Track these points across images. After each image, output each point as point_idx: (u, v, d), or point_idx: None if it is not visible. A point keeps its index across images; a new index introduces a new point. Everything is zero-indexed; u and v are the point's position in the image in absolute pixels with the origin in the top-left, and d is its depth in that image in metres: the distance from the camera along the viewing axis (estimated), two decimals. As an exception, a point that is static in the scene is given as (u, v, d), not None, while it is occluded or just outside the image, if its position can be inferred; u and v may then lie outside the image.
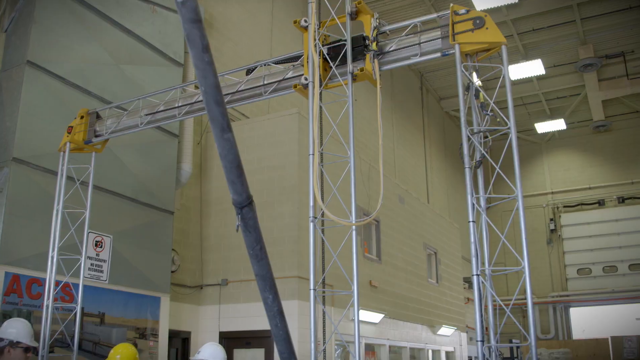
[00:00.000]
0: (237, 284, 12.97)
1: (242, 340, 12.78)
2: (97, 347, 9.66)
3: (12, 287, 8.72)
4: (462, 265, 24.35)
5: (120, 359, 5.99)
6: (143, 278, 10.80)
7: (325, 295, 6.82)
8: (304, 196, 12.74)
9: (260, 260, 3.68)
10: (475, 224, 6.08)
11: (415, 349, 18.73)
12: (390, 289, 16.74)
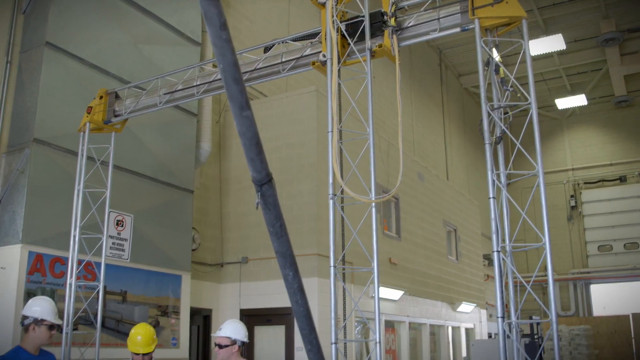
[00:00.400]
0: (257, 261, 13.04)
1: (263, 317, 12.88)
2: (119, 324, 9.79)
3: (35, 266, 8.85)
4: (482, 243, 24.29)
5: (142, 340, 6.05)
6: (164, 256, 10.89)
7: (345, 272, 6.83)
8: (323, 174, 12.74)
9: (280, 237, 3.68)
10: (495, 201, 6.04)
11: (435, 326, 18.79)
12: (410, 266, 16.76)
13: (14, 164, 9.11)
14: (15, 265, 8.71)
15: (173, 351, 10.77)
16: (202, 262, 12.93)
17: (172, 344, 10.82)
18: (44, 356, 5.82)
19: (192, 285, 11.79)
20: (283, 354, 12.50)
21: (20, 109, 9.46)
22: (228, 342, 6.27)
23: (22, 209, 8.84)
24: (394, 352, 15.97)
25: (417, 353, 17.54)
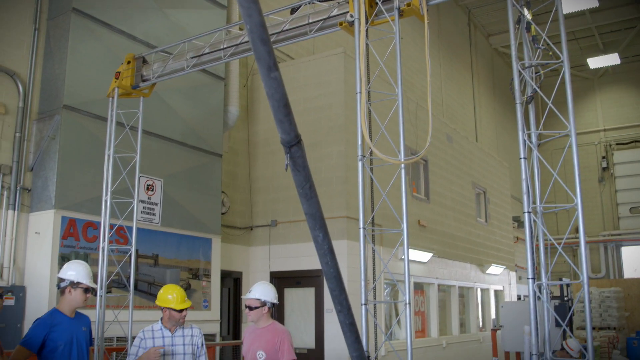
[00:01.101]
0: (287, 224, 13.12)
1: (293, 279, 13.00)
2: (151, 287, 9.94)
3: (69, 231, 8.99)
4: (512, 205, 24.13)
5: (176, 297, 6.11)
6: (194, 220, 10.99)
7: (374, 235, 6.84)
8: (351, 136, 12.70)
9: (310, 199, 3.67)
10: (526, 161, 5.97)
11: (464, 288, 18.80)
12: (439, 228, 16.73)
13: (45, 131, 9.21)
14: (49, 231, 8.85)
15: (204, 313, 10.93)
16: (231, 226, 13.03)
17: (204, 306, 10.98)
18: (79, 318, 5.93)
19: (222, 248, 11.91)
20: (313, 315, 12.63)
21: (49, 76, 9.53)
22: (258, 303, 6.34)
23: (54, 175, 8.95)
24: (422, 314, 16.04)
25: (445, 315, 17.60)
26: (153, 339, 6.12)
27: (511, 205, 24.01)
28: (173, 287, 6.23)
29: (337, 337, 11.98)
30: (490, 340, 14.85)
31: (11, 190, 9.01)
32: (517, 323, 11.57)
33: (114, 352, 7.94)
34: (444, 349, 16.51)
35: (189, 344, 6.15)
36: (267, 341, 6.29)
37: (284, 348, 6.25)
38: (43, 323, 5.70)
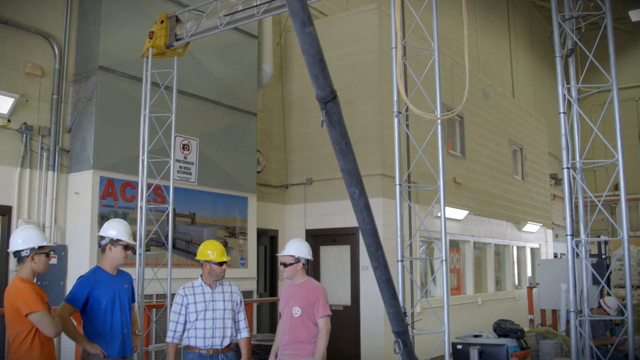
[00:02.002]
0: (322, 182, 13.14)
1: (328, 237, 13.07)
2: (189, 245, 10.08)
3: (107, 190, 9.12)
4: (549, 162, 23.81)
5: (215, 252, 6.19)
6: (230, 179, 11.06)
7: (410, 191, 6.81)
8: (386, 93, 12.60)
9: (346, 155, 3.65)
10: (565, 116, 5.86)
11: (500, 245, 18.72)
12: (475, 186, 16.61)
13: (81, 92, 9.29)
14: (88, 191, 9.00)
15: (241, 271, 11.08)
16: (267, 184, 13.10)
17: (241, 264, 11.12)
18: (121, 276, 6.04)
19: (258, 206, 11.99)
20: (348, 273, 12.71)
21: (84, 37, 9.57)
22: (292, 260, 6.40)
23: (92, 135, 9.05)
24: (458, 271, 16.04)
25: (481, 272, 17.58)
26: (194, 295, 6.23)
27: (548, 163, 23.69)
28: (213, 242, 6.32)
29: (373, 295, 12.06)
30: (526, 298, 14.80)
31: (50, 151, 9.14)
32: (553, 281, 11.53)
33: (154, 309, 8.10)
34: (479, 307, 16.53)
35: (228, 300, 6.24)
36: (302, 297, 6.36)
37: (319, 304, 6.32)
38: (86, 280, 5.82)
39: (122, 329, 5.84)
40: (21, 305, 4.92)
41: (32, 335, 5.01)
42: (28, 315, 4.93)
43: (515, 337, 9.52)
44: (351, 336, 12.37)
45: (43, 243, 5.20)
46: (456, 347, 6.50)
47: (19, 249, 5.15)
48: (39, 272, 5.22)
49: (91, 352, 5.68)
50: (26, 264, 5.16)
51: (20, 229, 5.34)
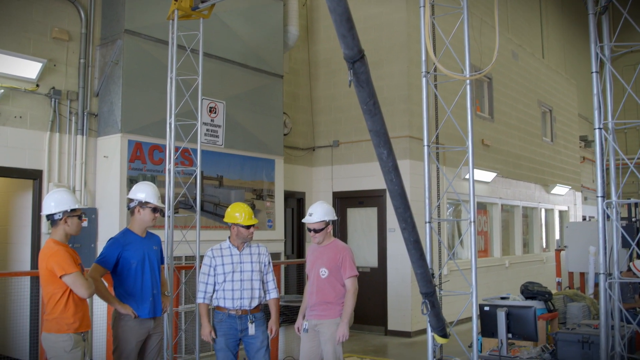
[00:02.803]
0: (348, 145, 13.11)
1: (355, 199, 13.08)
2: (217, 208, 10.15)
3: (135, 154, 9.18)
4: (579, 123, 23.46)
5: (242, 215, 6.23)
6: (257, 141, 11.07)
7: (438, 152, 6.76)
8: (413, 54, 12.46)
9: (374, 115, 3.63)
10: (598, 75, 5.74)
11: (528, 208, 18.60)
12: (503, 148, 16.46)
13: (108, 56, 9.30)
14: (116, 154, 9.06)
15: (269, 233, 11.15)
16: (294, 147, 13.11)
17: (268, 226, 11.19)
18: (150, 238, 6.12)
19: (285, 169, 12.01)
20: (375, 235, 12.74)
21: (110, 0, 9.54)
22: (322, 225, 6.43)
23: (119, 99, 9.08)
24: (485, 234, 16.00)
25: (508, 235, 17.51)
26: (222, 257, 6.30)
27: (578, 124, 23.34)
28: (240, 205, 6.36)
29: (400, 257, 12.09)
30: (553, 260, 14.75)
31: (79, 115, 9.20)
32: (581, 243, 11.45)
33: (183, 270, 8.20)
34: (507, 269, 16.51)
35: (256, 261, 6.30)
36: (329, 258, 6.40)
37: (345, 264, 6.35)
38: (116, 242, 5.91)
39: (151, 289, 5.93)
40: (55, 267, 5.01)
41: (67, 296, 5.10)
42: (62, 277, 5.02)
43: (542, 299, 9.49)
44: (378, 298, 12.45)
45: (75, 206, 5.26)
46: (483, 308, 6.50)
47: (51, 212, 5.22)
48: (72, 234, 5.30)
49: (122, 312, 5.79)
50: (59, 226, 5.24)
51: (52, 193, 5.40)
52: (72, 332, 5.10)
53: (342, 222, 13.18)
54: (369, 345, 11.44)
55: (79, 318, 5.17)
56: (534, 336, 6.27)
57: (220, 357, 6.28)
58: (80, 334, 5.19)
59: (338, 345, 6.28)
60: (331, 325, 6.27)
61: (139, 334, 5.84)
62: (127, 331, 5.80)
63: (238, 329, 6.20)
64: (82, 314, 5.23)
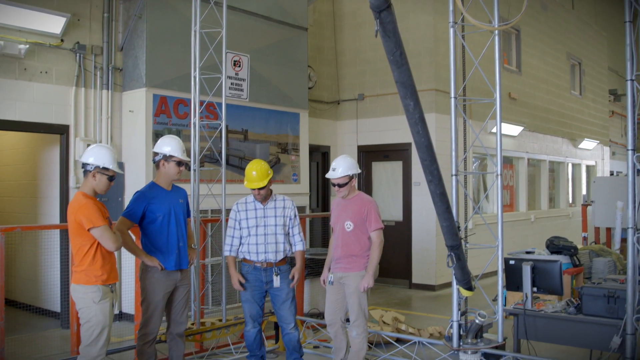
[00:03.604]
0: (374, 98, 13.01)
1: (380, 153, 13.04)
2: (242, 161, 10.18)
3: (160, 108, 9.20)
4: (608, 77, 23.00)
5: (256, 175, 6.25)
6: (281, 95, 11.02)
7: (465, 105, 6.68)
8: (439, 5, 12.24)
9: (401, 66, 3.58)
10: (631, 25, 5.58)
11: (554, 162, 18.41)
12: (531, 101, 16.23)
13: (132, 10, 9.25)
14: (141, 109, 9.08)
15: (294, 186, 11.17)
16: (318, 100, 13.04)
17: (293, 180, 11.21)
18: (175, 191, 6.16)
19: (310, 122, 11.97)
20: (400, 189, 12.72)
21: (133, -48, 9.46)
22: (346, 179, 6.41)
23: (143, 53, 9.06)
24: (511, 189, 15.90)
25: (534, 190, 17.39)
26: (246, 211, 6.35)
27: (608, 78, 22.90)
28: (252, 166, 6.35)
29: (425, 210, 12.08)
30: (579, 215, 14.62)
31: (103, 70, 9.21)
32: (608, 198, 11.32)
33: (209, 224, 8.26)
34: (532, 224, 16.44)
35: (280, 215, 6.32)
36: (354, 212, 6.40)
37: (371, 217, 6.35)
38: (142, 196, 5.95)
39: (178, 242, 5.99)
40: (83, 220, 5.05)
41: (94, 248, 5.16)
42: (90, 230, 5.07)
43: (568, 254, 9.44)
44: (402, 251, 12.50)
45: (108, 166, 5.26)
46: (508, 262, 6.48)
47: (87, 162, 5.26)
48: (98, 192, 5.31)
49: (149, 264, 5.87)
50: (88, 179, 5.28)
51: (97, 145, 5.40)
52: (100, 284, 5.18)
53: (367, 176, 13.17)
54: (393, 298, 11.52)
55: (106, 270, 5.24)
56: (559, 290, 6.25)
57: (246, 308, 6.36)
58: (108, 285, 5.27)
59: (363, 297, 6.33)
60: (356, 277, 6.31)
61: (166, 285, 5.92)
62: (154, 283, 5.88)
63: (263, 281, 6.27)
64: (110, 266, 5.30)
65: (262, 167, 6.30)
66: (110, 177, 5.31)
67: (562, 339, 6.22)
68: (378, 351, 7.32)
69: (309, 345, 7.77)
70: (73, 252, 5.27)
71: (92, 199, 5.22)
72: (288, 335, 6.36)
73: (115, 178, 5.44)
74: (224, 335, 7.40)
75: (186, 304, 6.19)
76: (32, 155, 9.99)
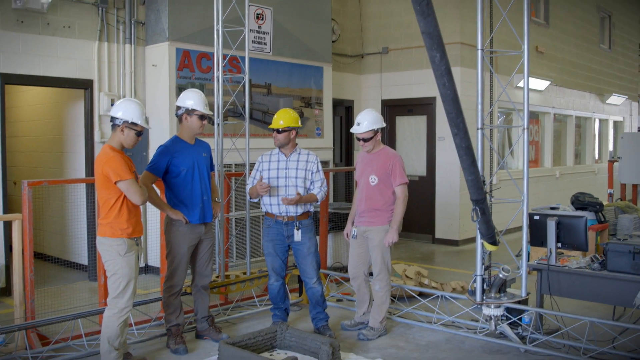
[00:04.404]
0: (398, 51, 12.84)
1: (404, 107, 12.93)
2: (265, 115, 10.15)
3: (183, 62, 9.16)
4: (639, 30, 22.48)
5: (283, 122, 6.23)
6: (305, 48, 10.91)
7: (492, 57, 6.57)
8: (465, -45, 11.98)
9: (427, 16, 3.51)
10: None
11: (581, 118, 18.15)
12: (558, 55, 15.94)
13: (154, -38, 9.16)
14: (165, 63, 9.05)
15: (318, 141, 11.14)
16: (342, 54, 12.90)
17: (317, 134, 11.17)
18: (199, 145, 6.16)
19: (334, 76, 11.86)
20: (424, 143, 12.65)
21: None
22: (371, 134, 6.37)
23: (166, 7, 8.99)
24: (536, 144, 15.74)
25: (560, 145, 17.20)
26: (269, 162, 6.35)
27: (638, 31, 22.37)
28: (280, 111, 6.36)
29: (449, 165, 12.02)
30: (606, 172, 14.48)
31: (126, 24, 9.16)
32: (636, 155, 11.19)
33: (233, 178, 8.29)
34: (557, 180, 16.30)
35: (302, 168, 6.29)
36: (379, 166, 6.38)
37: (395, 172, 6.32)
38: (165, 150, 5.96)
39: (201, 196, 6.02)
40: (110, 173, 5.08)
41: (120, 202, 5.20)
42: (117, 183, 5.10)
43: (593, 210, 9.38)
44: (426, 206, 12.48)
45: (137, 121, 5.25)
46: (533, 217, 6.43)
47: (115, 116, 5.26)
48: (126, 146, 5.32)
49: (174, 218, 5.92)
50: (117, 133, 5.28)
51: (126, 100, 5.38)
52: (126, 237, 5.22)
53: (390, 130, 13.09)
54: (416, 252, 11.55)
55: (132, 224, 5.28)
56: (583, 246, 6.22)
57: (268, 262, 6.41)
58: (134, 239, 5.31)
59: (386, 251, 6.34)
60: (380, 231, 6.32)
61: (191, 238, 5.97)
62: (178, 236, 5.93)
63: (285, 234, 6.28)
64: (136, 220, 5.34)
65: (290, 112, 6.29)
66: (139, 132, 5.31)
67: (586, 295, 6.20)
68: (401, 305, 7.36)
69: (332, 299, 7.83)
70: (99, 204, 5.31)
71: (120, 152, 5.24)
72: (311, 289, 6.40)
73: (143, 133, 5.44)
74: (248, 288, 7.48)
75: (211, 257, 6.25)
76: (58, 110, 10.04)
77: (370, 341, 6.32)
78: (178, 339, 5.99)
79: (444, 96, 4.01)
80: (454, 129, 4.33)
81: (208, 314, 6.34)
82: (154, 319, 6.52)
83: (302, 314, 7.32)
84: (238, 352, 5.29)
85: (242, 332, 6.48)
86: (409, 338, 6.45)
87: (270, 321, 6.65)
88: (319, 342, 5.52)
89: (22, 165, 10.78)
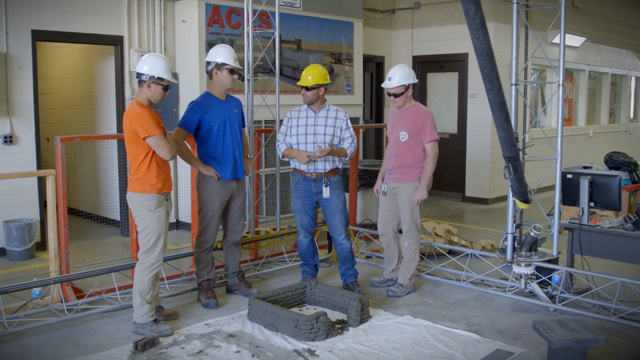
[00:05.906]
0: (430, 6, 12.62)
1: (436, 64, 12.76)
2: (295, 72, 10.08)
3: (213, 18, 9.11)
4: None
5: (312, 79, 6.17)
6: (335, 3, 10.76)
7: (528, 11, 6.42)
8: None
9: (462, -32, 3.42)
10: None
11: (617, 75, 17.77)
12: (595, 10, 15.53)
13: None
14: (194, 19, 9.01)
15: (348, 97, 11.06)
16: (373, 9, 12.70)
17: (347, 90, 11.09)
18: (230, 101, 6.14)
19: (364, 32, 11.70)
20: (456, 100, 12.50)
21: None
22: (402, 89, 6.31)
23: (194, -38, 8.93)
24: (570, 102, 15.47)
25: (595, 104, 16.89)
26: (298, 118, 6.32)
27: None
28: (309, 67, 6.30)
29: (480, 123, 11.88)
30: (641, 131, 14.24)
31: (156, -21, 9.13)
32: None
33: (263, 134, 8.29)
34: (591, 139, 16.05)
35: (331, 125, 6.25)
36: (410, 122, 6.32)
37: (426, 129, 6.27)
38: (197, 106, 5.96)
39: (233, 152, 6.02)
40: (139, 128, 5.09)
41: (149, 157, 5.21)
42: (145, 139, 5.10)
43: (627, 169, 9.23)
44: (456, 164, 12.39)
45: (163, 75, 5.23)
46: (566, 176, 6.34)
47: (141, 72, 5.26)
48: (153, 101, 5.31)
49: (205, 174, 5.94)
50: (143, 88, 5.28)
51: (151, 55, 5.36)
52: (155, 192, 5.25)
53: (421, 87, 12.94)
54: (446, 210, 11.51)
55: (161, 179, 5.31)
56: (617, 206, 6.12)
57: (297, 218, 6.43)
58: (163, 194, 5.34)
59: (415, 208, 6.32)
60: (409, 188, 6.29)
61: (223, 194, 6.00)
62: (210, 192, 5.97)
63: (313, 191, 6.28)
64: (165, 175, 5.37)
65: (319, 69, 6.23)
66: (165, 87, 5.29)
67: (617, 255, 6.14)
68: (430, 262, 7.37)
69: (362, 255, 7.86)
70: (129, 160, 5.34)
71: (147, 108, 5.24)
72: (340, 245, 6.42)
73: (170, 88, 5.42)
74: (278, 244, 7.54)
75: (242, 213, 6.28)
76: (88, 66, 10.08)
77: (399, 298, 6.35)
78: (209, 294, 6.07)
79: (478, 50, 3.92)
80: (488, 84, 4.25)
81: (239, 269, 6.41)
82: (185, 274, 6.61)
83: (331, 270, 7.38)
84: (268, 307, 5.35)
85: (272, 288, 6.55)
86: (438, 295, 6.46)
87: (299, 277, 6.71)
88: (348, 297, 5.56)
89: (54, 122, 10.90)
